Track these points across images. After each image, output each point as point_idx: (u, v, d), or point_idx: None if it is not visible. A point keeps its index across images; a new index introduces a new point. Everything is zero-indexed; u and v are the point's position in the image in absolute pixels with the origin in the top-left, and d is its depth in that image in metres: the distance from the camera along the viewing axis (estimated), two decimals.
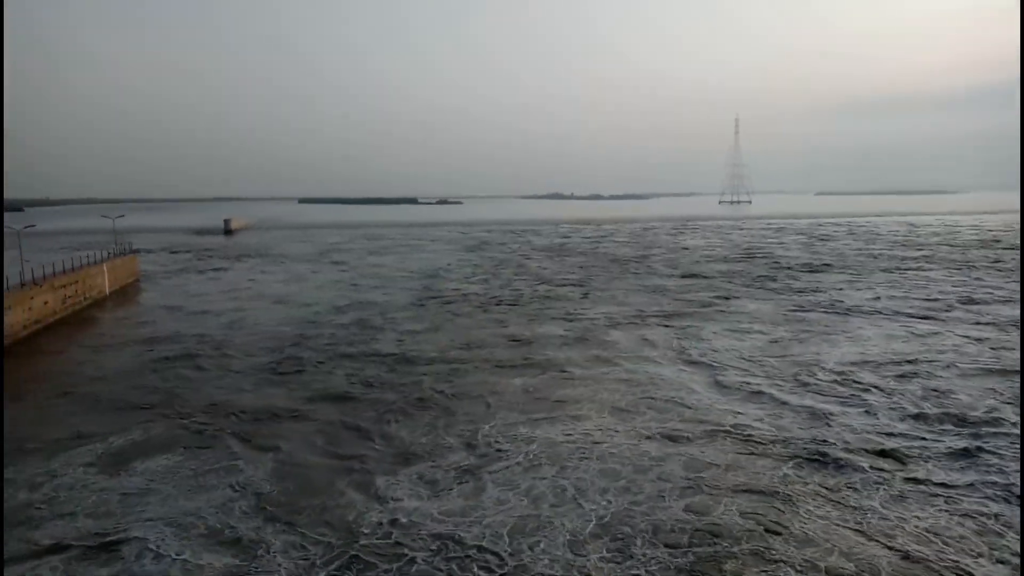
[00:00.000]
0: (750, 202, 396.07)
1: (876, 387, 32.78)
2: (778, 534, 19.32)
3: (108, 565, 18.56)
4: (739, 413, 29.25)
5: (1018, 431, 26.96)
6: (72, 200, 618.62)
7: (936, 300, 56.70)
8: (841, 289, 63.46)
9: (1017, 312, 49.97)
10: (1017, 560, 18.08)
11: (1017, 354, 38.30)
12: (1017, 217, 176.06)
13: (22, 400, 32.74)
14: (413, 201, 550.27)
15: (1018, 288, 61.31)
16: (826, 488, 22.07)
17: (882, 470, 23.42)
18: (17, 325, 45.17)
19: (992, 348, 40.13)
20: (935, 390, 32.27)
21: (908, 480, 22.75)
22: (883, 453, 24.86)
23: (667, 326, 48.36)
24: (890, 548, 18.56)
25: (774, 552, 18.43)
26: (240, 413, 30.68)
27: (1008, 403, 30.09)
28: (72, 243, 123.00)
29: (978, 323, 47.33)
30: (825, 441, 25.92)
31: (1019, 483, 22.16)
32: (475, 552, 18.62)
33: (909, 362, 37.16)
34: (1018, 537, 19.16)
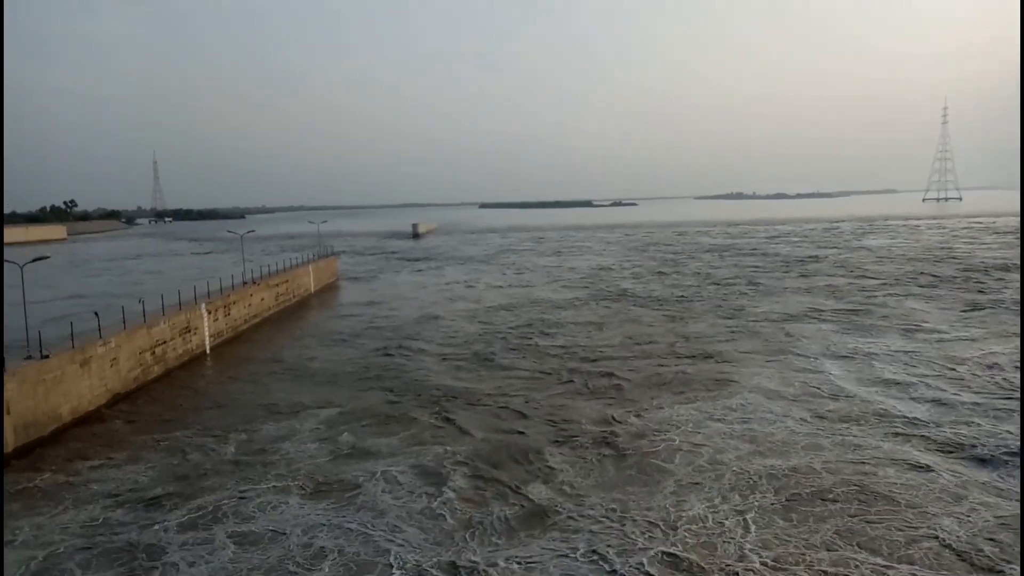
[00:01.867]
0: (959, 199, 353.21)
1: None
2: None
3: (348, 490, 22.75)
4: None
5: None
6: (284, 208, 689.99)
7: None
8: None
9: None
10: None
11: None
12: None
13: (255, 380, 38.00)
14: (588, 204, 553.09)
15: None
16: None
17: None
18: (240, 319, 51.61)
19: None
20: None
21: None
22: None
23: (827, 321, 47.00)
24: None
25: None
26: (434, 390, 34.47)
27: None
28: (283, 246, 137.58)
29: None
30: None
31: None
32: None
33: None
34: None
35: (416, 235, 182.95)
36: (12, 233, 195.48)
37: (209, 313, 45.62)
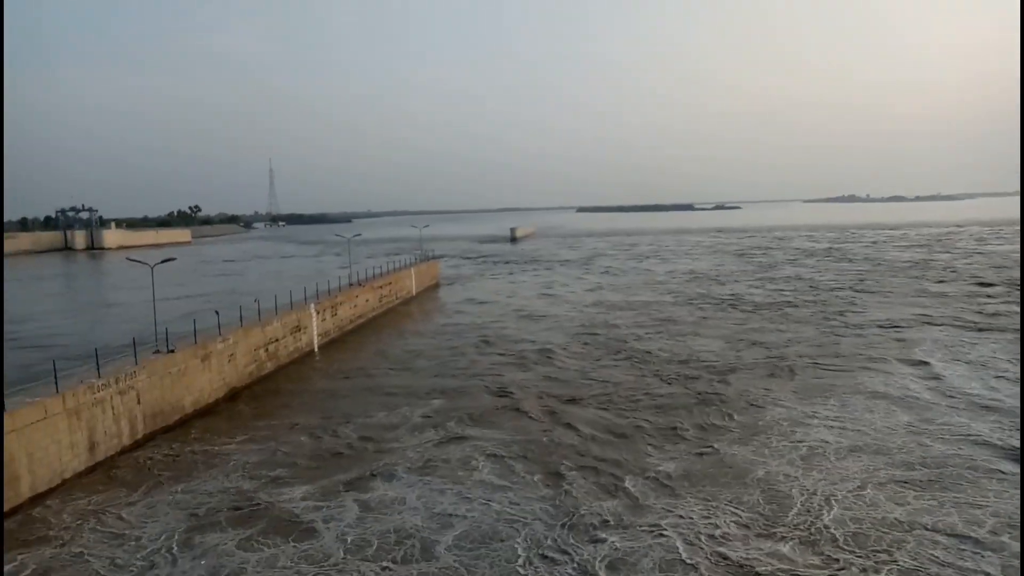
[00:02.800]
0: None
1: None
2: None
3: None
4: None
5: None
6: (389, 212, 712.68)
7: None
8: None
9: None
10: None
11: None
12: None
13: (363, 375, 40.06)
14: (689, 208, 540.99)
15: None
16: None
17: None
18: (346, 319, 53.86)
19: None
20: None
21: None
22: None
23: (938, 326, 43.97)
24: None
25: None
26: (536, 386, 35.83)
27: None
28: (387, 249, 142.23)
29: None
30: None
31: None
32: None
33: None
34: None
35: (514, 239, 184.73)
36: (144, 236, 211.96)
37: (318, 313, 47.86)
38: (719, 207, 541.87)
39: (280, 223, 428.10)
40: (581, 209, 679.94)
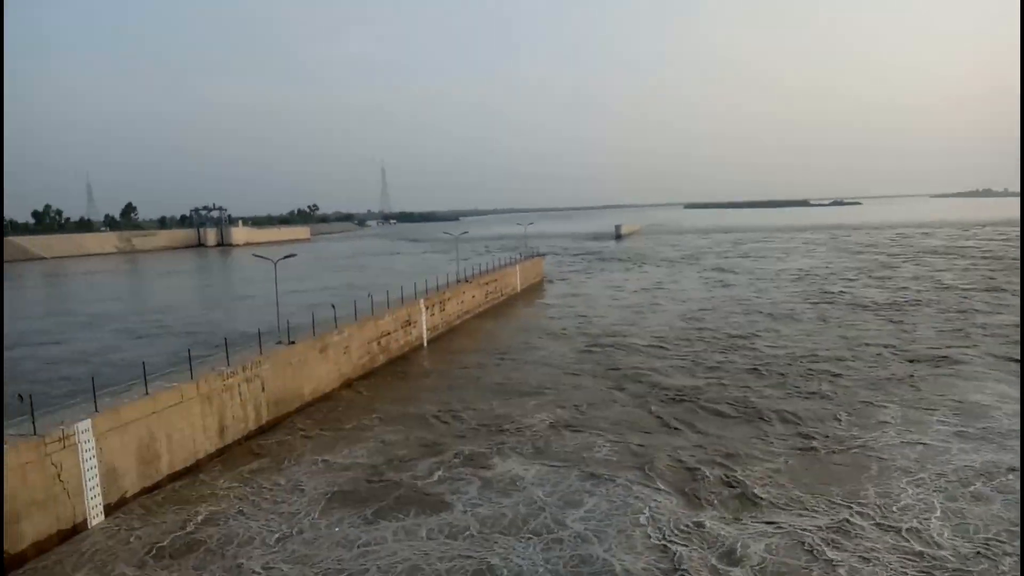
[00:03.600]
0: None
1: None
2: None
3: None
4: None
5: None
6: (495, 210, 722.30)
7: None
8: None
9: None
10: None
11: None
12: None
13: (473, 367, 41.29)
14: (804, 204, 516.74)
15: None
16: None
17: None
18: (453, 314, 55.14)
19: None
20: None
21: None
22: None
23: None
24: None
25: None
26: (644, 381, 36.07)
27: None
28: (492, 247, 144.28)
29: None
30: None
31: None
32: None
33: None
34: None
35: (619, 236, 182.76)
36: (268, 234, 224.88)
37: (427, 308, 49.25)
38: (837, 203, 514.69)
39: (391, 221, 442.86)
40: (689, 205, 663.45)
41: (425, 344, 48.25)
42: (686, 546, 18.69)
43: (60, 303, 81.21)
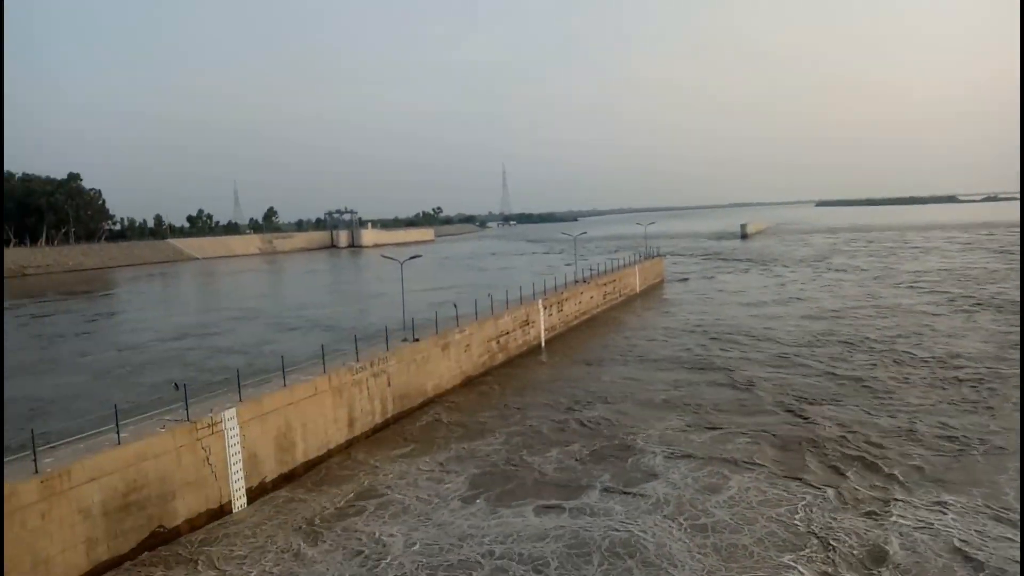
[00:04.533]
0: None
1: None
2: None
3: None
4: None
5: None
6: (614, 210, 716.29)
7: None
8: None
9: None
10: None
11: None
12: None
13: (596, 364, 41.61)
14: (951, 200, 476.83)
15: None
16: None
17: None
18: (571, 315, 55.21)
19: None
20: None
21: None
22: None
23: None
24: None
25: None
26: (773, 385, 34.75)
27: None
28: (611, 247, 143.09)
29: None
30: None
31: None
32: None
33: None
34: None
35: (744, 235, 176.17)
36: (395, 235, 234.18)
37: (544, 308, 49.62)
38: (990, 199, 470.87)
39: (511, 222, 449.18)
40: (821, 203, 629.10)
41: (543, 344, 48.62)
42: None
43: (216, 299, 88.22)
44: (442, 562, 18.43)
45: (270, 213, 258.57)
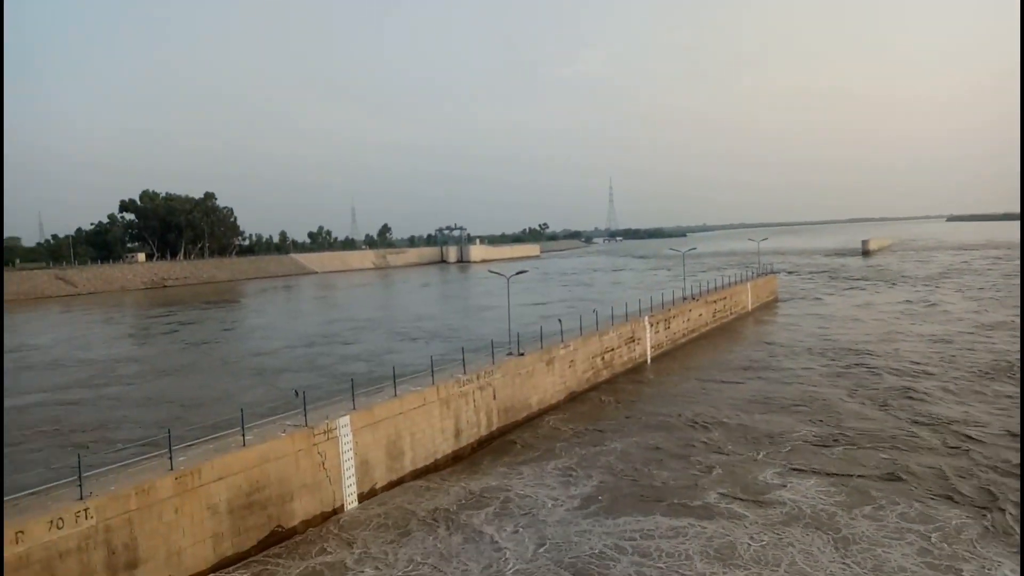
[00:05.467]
0: None
1: None
2: None
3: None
4: None
5: None
6: (724, 226, 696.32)
7: None
8: None
9: None
10: None
11: None
12: None
13: (707, 383, 40.47)
14: None
15: None
16: None
17: None
18: (678, 333, 54.03)
19: None
20: None
21: None
22: None
23: None
24: None
25: None
26: (915, 411, 31.31)
27: None
28: (721, 264, 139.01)
29: None
30: None
31: None
32: None
33: None
34: None
35: (866, 252, 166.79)
36: (501, 251, 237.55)
37: (651, 326, 48.85)
38: None
39: (617, 238, 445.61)
40: (952, 218, 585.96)
41: (649, 361, 47.82)
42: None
43: (337, 310, 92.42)
44: (574, 557, 19.01)
45: (384, 229, 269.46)
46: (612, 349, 43.42)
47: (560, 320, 40.90)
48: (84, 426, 35.20)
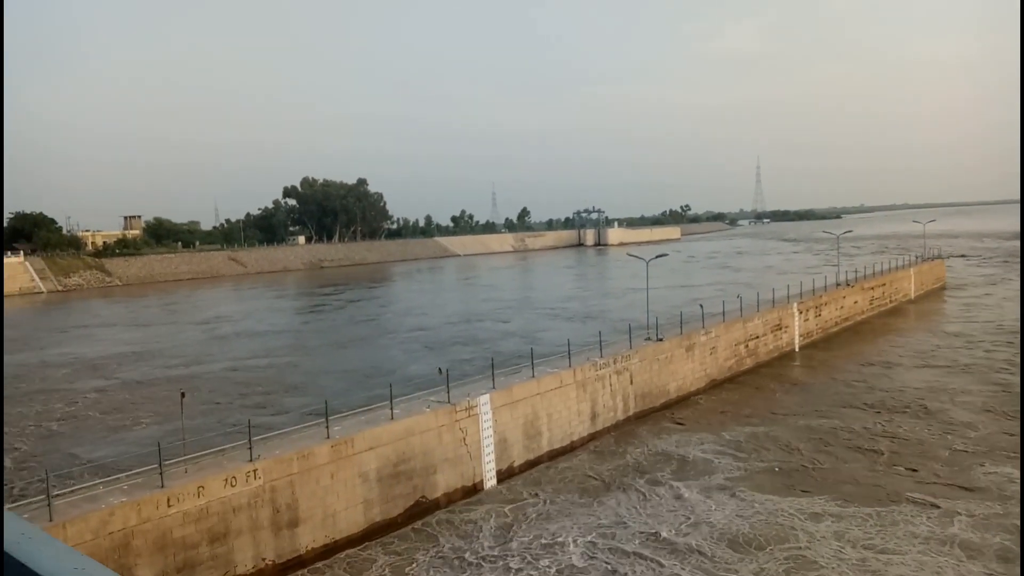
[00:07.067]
0: None
1: None
2: None
3: None
4: None
5: None
6: (885, 206, 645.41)
7: None
8: None
9: None
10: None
11: None
12: None
13: (869, 372, 37.57)
14: None
15: None
16: None
17: None
18: (830, 321, 50.89)
19: None
20: None
21: None
22: None
23: None
24: None
25: None
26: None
27: None
28: (881, 247, 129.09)
29: None
30: None
31: None
32: None
33: None
34: None
35: None
36: (640, 234, 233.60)
37: (800, 313, 46.37)
38: None
39: (764, 220, 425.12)
40: None
41: (797, 350, 45.49)
42: None
43: (486, 291, 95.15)
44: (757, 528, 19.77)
45: (523, 213, 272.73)
46: (757, 336, 41.71)
47: (701, 305, 39.72)
48: (274, 389, 39.49)
